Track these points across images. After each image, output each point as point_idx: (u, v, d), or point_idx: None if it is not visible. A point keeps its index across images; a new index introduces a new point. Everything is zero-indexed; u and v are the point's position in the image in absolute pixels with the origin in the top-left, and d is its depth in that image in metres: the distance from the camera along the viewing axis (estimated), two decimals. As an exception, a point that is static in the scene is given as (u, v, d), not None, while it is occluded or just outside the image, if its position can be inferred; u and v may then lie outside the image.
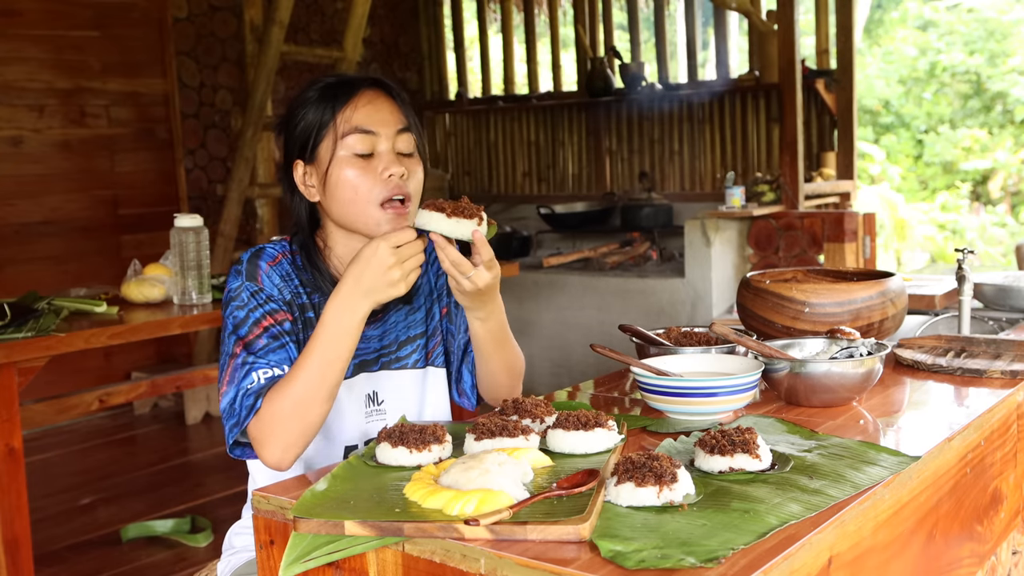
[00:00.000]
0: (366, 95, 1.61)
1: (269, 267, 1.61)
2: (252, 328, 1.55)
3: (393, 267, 1.47)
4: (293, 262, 1.64)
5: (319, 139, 1.60)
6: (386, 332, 1.71)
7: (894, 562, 1.37)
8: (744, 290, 2.07)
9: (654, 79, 6.23)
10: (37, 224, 5.13)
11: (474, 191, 6.95)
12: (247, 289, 1.58)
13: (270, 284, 1.59)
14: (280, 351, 1.55)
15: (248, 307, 1.57)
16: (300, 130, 1.62)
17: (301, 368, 1.49)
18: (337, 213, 1.61)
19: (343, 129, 1.58)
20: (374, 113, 1.60)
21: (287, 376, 1.50)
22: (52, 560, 3.41)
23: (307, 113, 1.61)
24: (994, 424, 1.71)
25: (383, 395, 1.71)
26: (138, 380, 3.86)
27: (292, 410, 1.47)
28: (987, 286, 2.62)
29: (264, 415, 1.48)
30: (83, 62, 5.27)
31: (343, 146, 1.58)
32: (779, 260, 5.00)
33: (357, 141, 1.58)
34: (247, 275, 1.59)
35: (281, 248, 1.66)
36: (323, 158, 1.60)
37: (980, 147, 11.03)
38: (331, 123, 1.59)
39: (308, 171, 1.63)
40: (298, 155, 1.63)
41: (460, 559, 1.13)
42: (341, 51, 5.44)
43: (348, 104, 1.60)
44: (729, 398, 1.62)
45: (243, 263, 1.61)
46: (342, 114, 1.59)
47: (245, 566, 1.71)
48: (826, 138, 5.71)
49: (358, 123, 1.59)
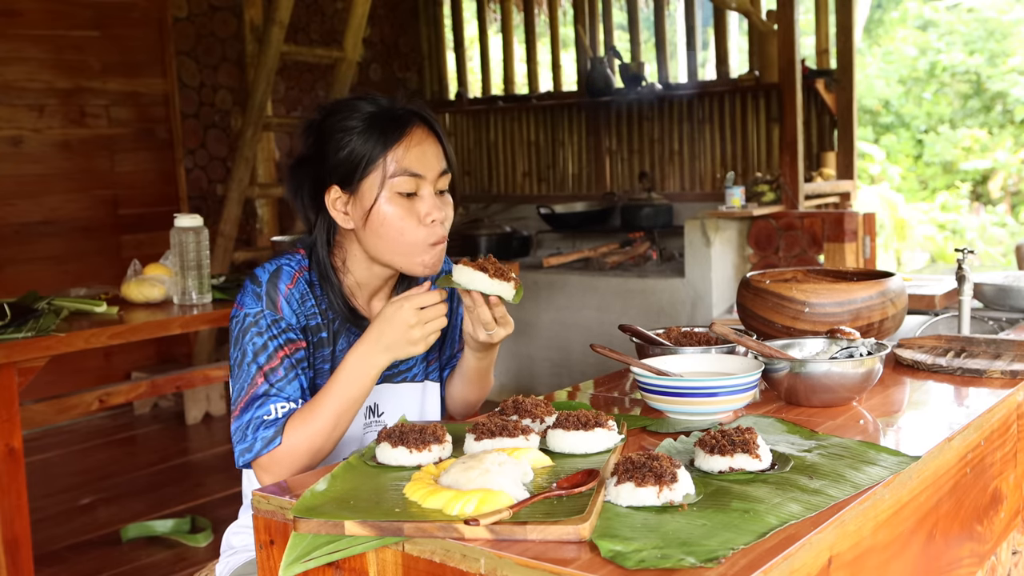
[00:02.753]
0: (416, 135, 1.63)
1: (288, 290, 1.63)
2: (271, 358, 1.59)
3: (415, 327, 1.54)
4: (309, 279, 1.67)
5: (366, 173, 1.61)
6: None
7: (894, 562, 1.37)
8: (744, 290, 2.07)
9: (654, 79, 6.23)
10: (37, 224, 5.13)
11: (474, 191, 6.95)
12: (267, 317, 1.61)
13: (289, 311, 1.62)
14: (295, 382, 1.60)
15: (268, 335, 1.60)
16: (343, 158, 1.62)
17: (317, 412, 1.56)
18: (373, 246, 1.65)
19: (392, 169, 1.61)
20: (422, 156, 1.63)
21: (303, 417, 1.56)
22: (52, 560, 3.41)
23: (352, 142, 1.61)
24: (994, 424, 1.71)
25: (383, 407, 1.75)
26: (138, 380, 3.87)
27: (306, 450, 1.56)
28: (987, 286, 2.62)
29: (277, 453, 1.55)
30: (83, 62, 5.27)
31: (390, 186, 1.61)
32: (779, 260, 5.00)
33: (404, 183, 1.62)
34: (267, 301, 1.61)
35: (298, 265, 1.67)
36: (367, 193, 1.62)
37: (980, 147, 11.03)
38: (380, 159, 1.61)
39: (347, 200, 1.64)
40: (336, 181, 1.63)
41: (460, 559, 1.13)
42: (341, 51, 5.44)
43: (400, 143, 1.61)
44: (729, 398, 1.62)
45: (263, 285, 1.62)
46: (393, 152, 1.61)
47: (244, 566, 1.72)
48: (826, 138, 5.71)
49: (408, 166, 1.61)
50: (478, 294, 1.61)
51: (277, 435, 1.55)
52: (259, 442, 1.55)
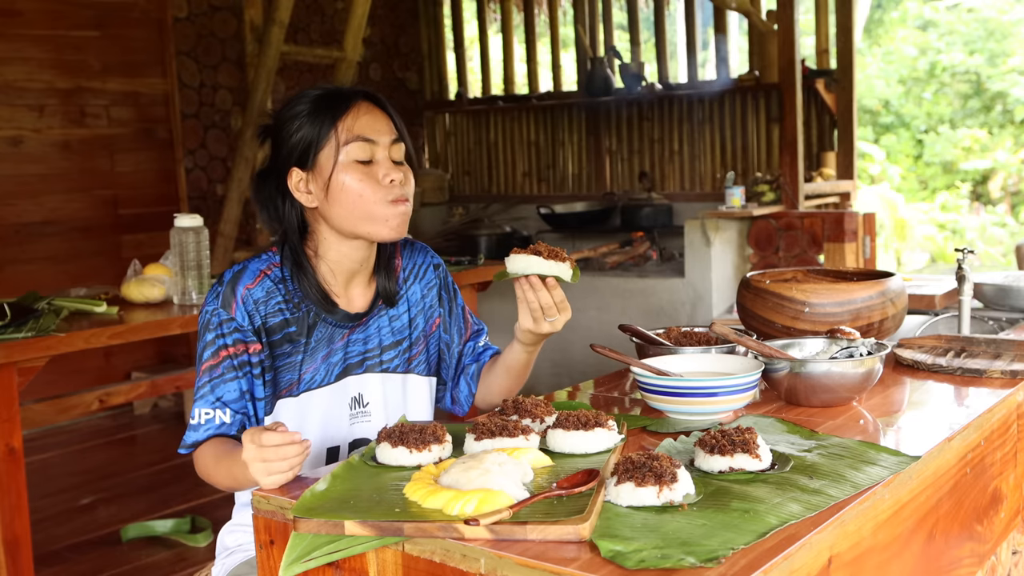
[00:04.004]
0: (363, 107, 1.68)
1: (247, 291, 1.65)
2: (214, 355, 1.63)
3: (268, 462, 1.36)
4: (280, 275, 1.68)
5: (320, 147, 1.65)
6: (369, 337, 1.76)
7: (894, 562, 1.37)
8: (744, 290, 2.07)
9: (654, 79, 6.23)
10: (37, 224, 5.13)
11: (474, 191, 6.95)
12: (218, 316, 1.64)
13: (242, 313, 1.64)
14: (232, 383, 1.62)
15: (215, 333, 1.63)
16: (297, 139, 1.66)
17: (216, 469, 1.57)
18: (338, 216, 1.66)
19: (345, 137, 1.64)
20: (372, 123, 1.67)
21: (209, 458, 1.58)
22: (52, 560, 3.41)
23: (303, 124, 1.66)
24: (994, 424, 1.71)
25: (368, 397, 1.76)
26: (138, 380, 3.87)
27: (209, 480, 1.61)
28: (987, 286, 2.62)
29: (198, 466, 1.63)
30: (83, 62, 5.27)
31: (345, 153, 1.64)
32: (779, 260, 5.00)
33: (358, 149, 1.65)
34: (223, 301, 1.64)
35: (267, 262, 1.69)
36: (324, 165, 1.65)
37: (980, 147, 11.03)
38: (331, 132, 1.64)
39: (307, 178, 1.67)
40: (295, 163, 1.67)
41: (460, 559, 1.13)
42: (341, 51, 5.44)
43: (347, 114, 1.66)
44: (729, 398, 1.62)
45: (223, 284, 1.66)
46: (343, 122, 1.65)
47: (240, 567, 1.72)
48: (826, 138, 5.71)
49: (359, 132, 1.65)
50: (536, 278, 1.62)
51: (194, 446, 1.62)
52: (186, 439, 1.63)
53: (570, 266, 1.63)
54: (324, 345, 1.70)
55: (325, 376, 1.70)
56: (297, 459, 1.36)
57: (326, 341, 1.70)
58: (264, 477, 1.36)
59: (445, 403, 1.91)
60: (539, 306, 1.65)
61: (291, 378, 1.68)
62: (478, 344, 1.89)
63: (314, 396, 1.70)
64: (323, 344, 1.70)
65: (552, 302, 1.65)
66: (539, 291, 1.64)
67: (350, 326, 1.73)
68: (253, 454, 1.35)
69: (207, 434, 1.61)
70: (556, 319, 1.66)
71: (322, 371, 1.70)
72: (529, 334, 1.71)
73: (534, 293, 1.64)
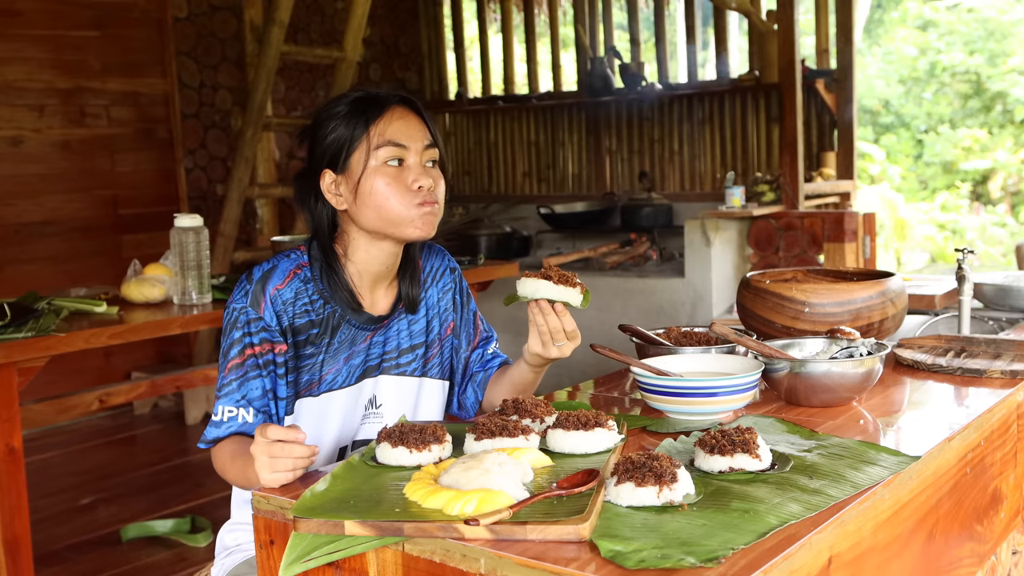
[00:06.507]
0: (397, 111, 1.69)
1: (276, 291, 1.65)
2: (240, 354, 1.63)
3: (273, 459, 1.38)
4: (308, 275, 1.69)
5: (352, 150, 1.66)
6: (388, 339, 1.77)
7: (894, 562, 1.37)
8: (744, 290, 2.07)
9: (654, 79, 6.23)
10: (37, 224, 5.13)
11: (474, 191, 6.95)
12: (246, 314, 1.64)
13: (271, 313, 1.64)
14: (256, 381, 1.63)
15: (242, 331, 1.64)
16: (331, 141, 1.68)
17: (231, 467, 1.58)
18: (367, 218, 1.67)
19: (376, 141, 1.66)
20: (404, 128, 1.68)
21: (226, 455, 1.60)
22: (52, 560, 3.41)
23: (338, 126, 1.68)
24: (994, 424, 1.71)
25: (381, 399, 1.77)
26: (138, 380, 3.86)
27: (224, 474, 1.63)
28: (987, 286, 2.62)
29: (215, 461, 1.63)
30: (83, 62, 5.27)
31: (375, 157, 1.65)
32: (779, 260, 5.00)
33: (389, 153, 1.66)
34: (252, 300, 1.64)
35: (295, 262, 1.70)
36: (355, 168, 1.66)
37: (980, 147, 11.03)
38: (364, 135, 1.66)
39: (338, 180, 1.68)
40: (327, 165, 1.68)
41: (460, 559, 1.13)
42: (341, 51, 5.44)
43: (381, 118, 1.67)
44: (729, 398, 1.62)
45: (252, 283, 1.66)
46: (375, 127, 1.66)
47: (241, 566, 1.72)
48: (826, 138, 5.71)
49: (391, 136, 1.66)
50: (545, 303, 1.62)
51: (214, 442, 1.63)
52: (207, 434, 1.63)
53: (580, 291, 1.63)
54: (346, 347, 1.70)
55: (347, 378, 1.71)
56: (302, 461, 1.37)
57: (348, 343, 1.71)
58: (267, 473, 1.36)
59: (452, 408, 1.91)
60: (548, 330, 1.65)
61: (311, 378, 1.68)
62: (487, 351, 1.90)
63: (334, 397, 1.71)
64: (345, 346, 1.70)
65: (560, 326, 1.65)
66: (548, 315, 1.64)
67: (372, 328, 1.73)
68: (261, 448, 1.37)
69: (228, 431, 1.61)
70: (564, 345, 1.67)
71: (344, 372, 1.71)
72: (537, 357, 1.71)
73: (543, 316, 1.65)
